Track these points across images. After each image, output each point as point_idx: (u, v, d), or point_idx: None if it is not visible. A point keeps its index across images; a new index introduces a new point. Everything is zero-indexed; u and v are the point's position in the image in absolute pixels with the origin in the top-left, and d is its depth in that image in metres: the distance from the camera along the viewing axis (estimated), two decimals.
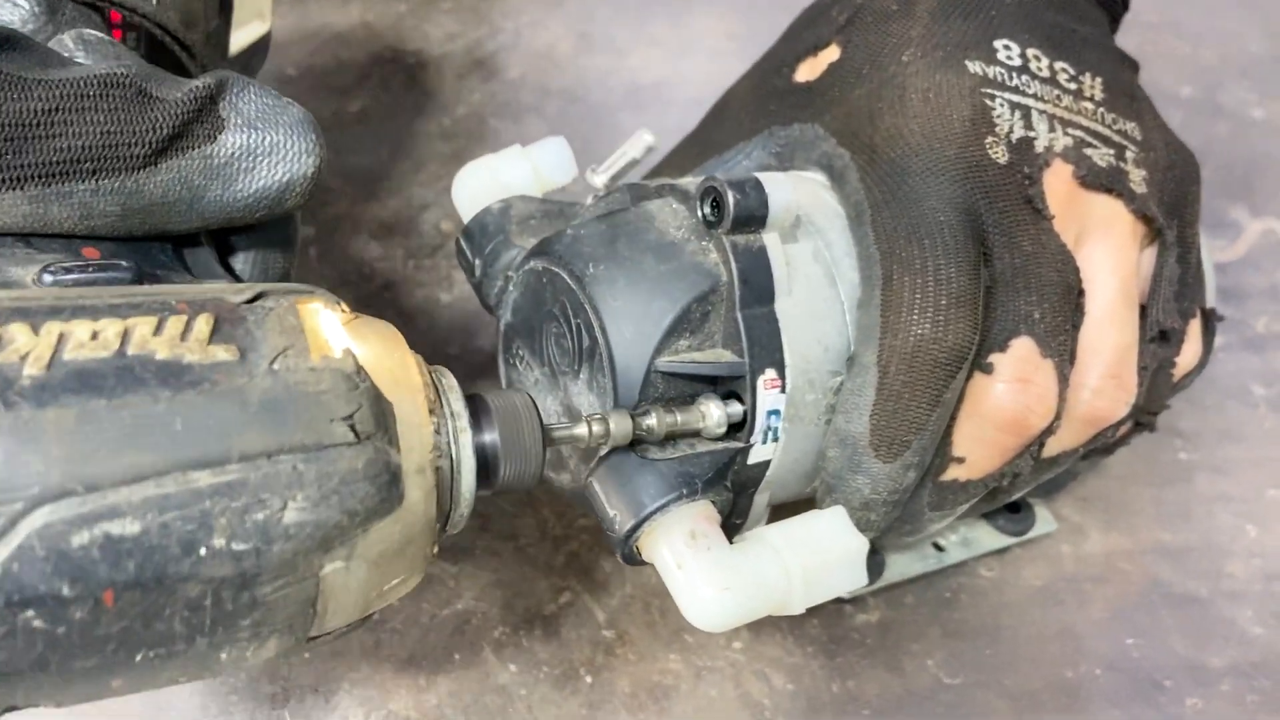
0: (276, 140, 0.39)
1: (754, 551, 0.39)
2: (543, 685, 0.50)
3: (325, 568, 0.32)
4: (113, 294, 0.33)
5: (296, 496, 0.31)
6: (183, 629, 0.31)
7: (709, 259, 0.40)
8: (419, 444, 0.35)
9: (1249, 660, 0.52)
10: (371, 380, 0.33)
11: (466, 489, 0.36)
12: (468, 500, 0.37)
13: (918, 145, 0.42)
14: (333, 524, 0.32)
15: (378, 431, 0.33)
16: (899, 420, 0.40)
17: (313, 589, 0.33)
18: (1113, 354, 0.43)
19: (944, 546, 0.53)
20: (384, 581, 0.35)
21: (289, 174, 0.39)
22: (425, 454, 0.35)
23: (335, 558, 0.32)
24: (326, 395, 0.32)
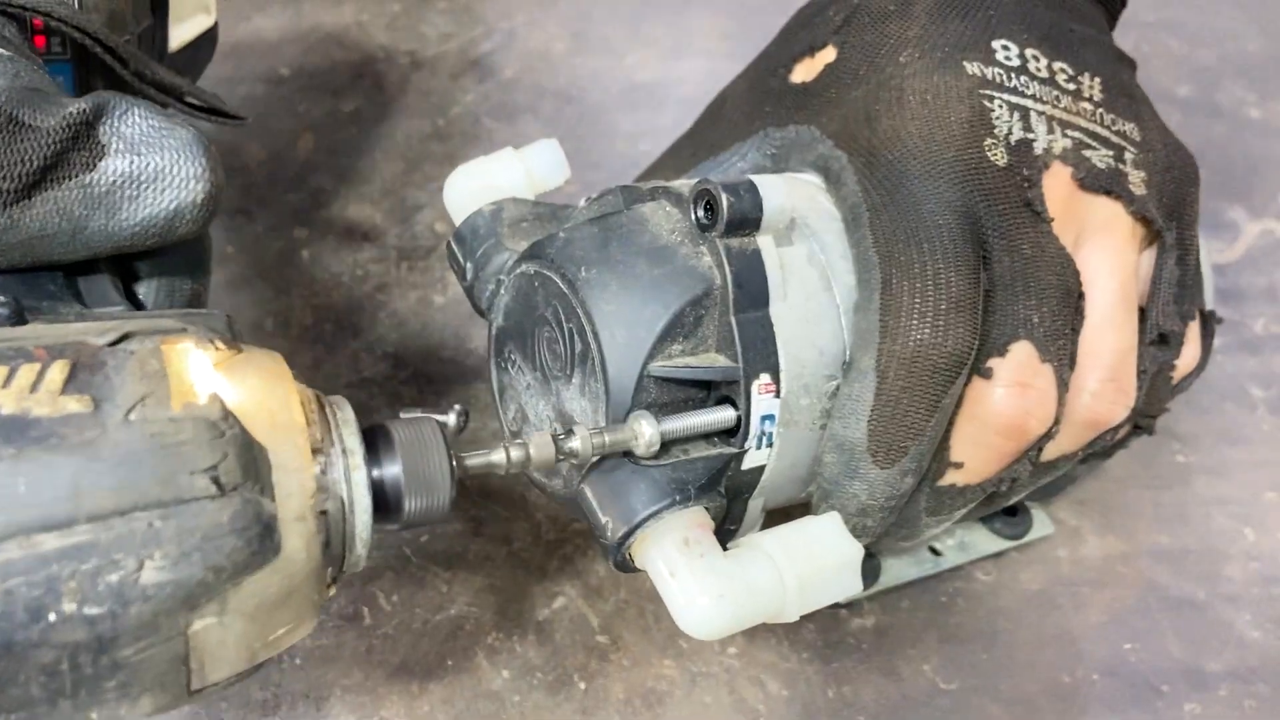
0: (162, 166, 0.37)
1: (748, 558, 0.38)
2: (536, 691, 0.49)
3: (194, 625, 0.31)
4: None
5: (154, 555, 0.30)
6: (41, 693, 0.30)
7: (703, 262, 0.40)
8: (298, 489, 0.33)
9: (1247, 665, 0.52)
10: (241, 426, 0.32)
11: (362, 528, 0.35)
12: (365, 540, 0.35)
13: (916, 147, 0.41)
14: (196, 581, 0.31)
15: (246, 481, 0.31)
16: (897, 426, 0.40)
17: (181, 647, 0.31)
18: (1112, 357, 0.43)
19: (940, 551, 0.53)
20: (267, 633, 0.33)
21: (176, 201, 0.37)
22: (306, 500, 0.33)
23: (205, 614, 0.31)
24: (186, 446, 0.31)
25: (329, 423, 0.35)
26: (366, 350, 0.63)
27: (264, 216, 0.69)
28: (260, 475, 0.32)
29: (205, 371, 0.33)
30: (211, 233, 0.64)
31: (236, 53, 0.81)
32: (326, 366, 0.62)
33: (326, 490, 0.34)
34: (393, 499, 0.36)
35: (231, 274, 0.66)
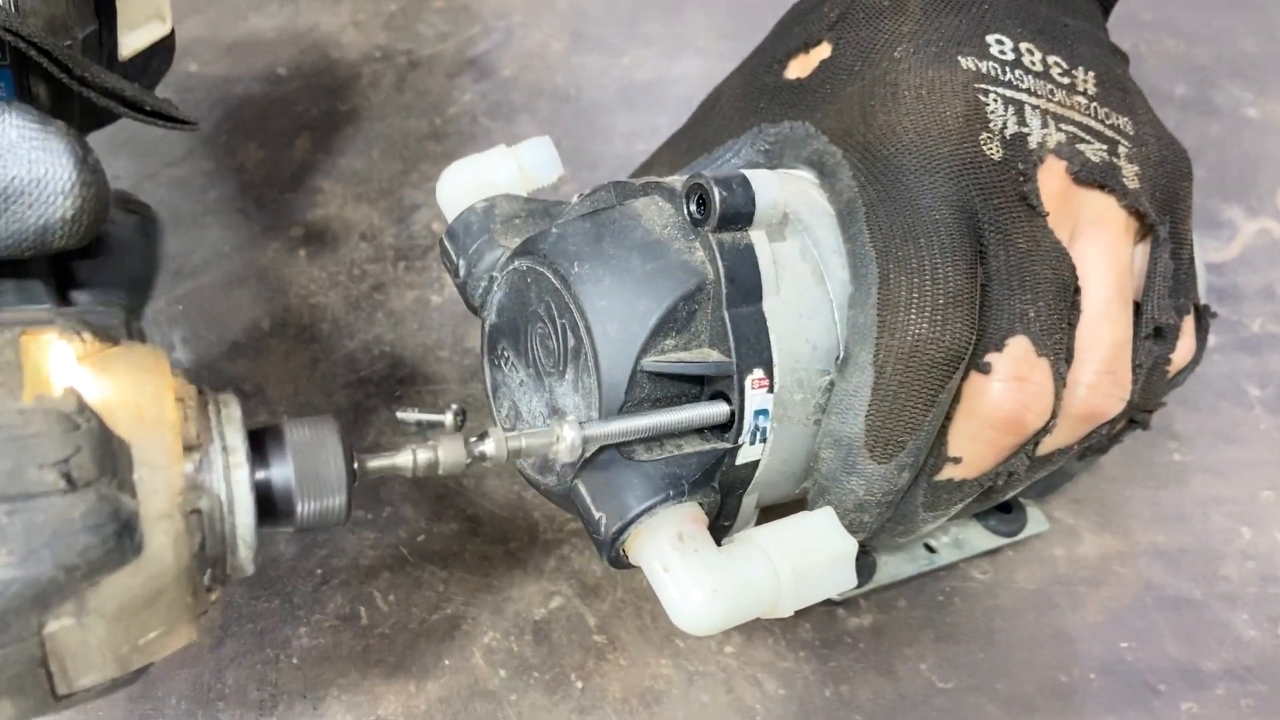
0: (29, 179, 0.35)
1: (742, 553, 0.38)
2: (533, 691, 0.49)
3: (50, 625, 0.30)
4: None
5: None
6: None
7: (695, 257, 0.40)
8: (164, 486, 0.32)
9: (1244, 664, 0.52)
10: (100, 420, 0.31)
11: (244, 530, 0.33)
12: (248, 542, 0.34)
13: (911, 142, 0.41)
14: (46, 580, 0.29)
15: (102, 477, 0.30)
16: (895, 421, 0.40)
17: (37, 649, 0.30)
18: (1108, 350, 0.43)
19: (935, 548, 0.53)
20: (135, 636, 0.32)
21: (44, 218, 0.35)
22: (173, 497, 0.32)
23: (60, 615, 0.30)
24: (35, 439, 0.30)
25: (209, 420, 0.34)
26: (363, 350, 0.63)
27: (261, 216, 0.69)
28: (119, 471, 0.31)
29: (66, 364, 0.32)
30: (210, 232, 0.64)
31: (233, 52, 0.81)
32: (323, 366, 0.62)
33: (200, 489, 0.33)
34: (282, 501, 0.34)
35: (229, 273, 0.66)
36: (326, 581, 0.53)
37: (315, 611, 0.51)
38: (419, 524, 0.55)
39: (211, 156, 0.73)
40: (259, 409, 0.59)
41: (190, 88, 0.77)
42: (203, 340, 0.62)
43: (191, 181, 0.71)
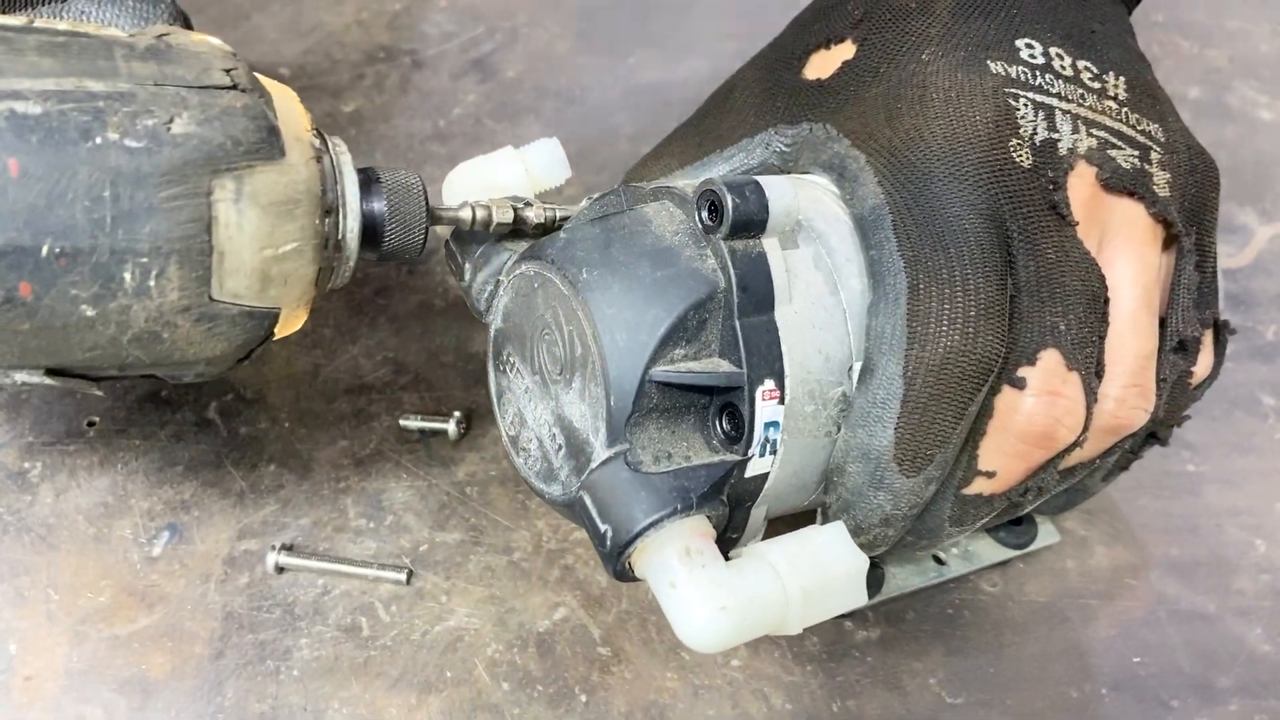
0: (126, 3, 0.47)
1: (751, 569, 0.37)
2: (536, 704, 0.49)
3: (215, 192, 0.37)
4: None
5: (182, 114, 0.36)
6: (85, 221, 0.35)
7: (706, 265, 0.39)
8: (296, 123, 0.39)
9: (1258, 679, 0.51)
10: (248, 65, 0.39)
11: (351, 195, 0.41)
12: (354, 210, 0.41)
13: (940, 148, 0.40)
14: (216, 143, 0.36)
15: (254, 90, 0.38)
16: (925, 433, 0.39)
17: (204, 210, 0.36)
18: (1135, 362, 0.42)
19: (945, 560, 0.52)
20: (276, 239, 0.38)
21: None
22: (303, 131, 0.40)
23: (223, 185, 0.37)
24: (205, 53, 0.38)
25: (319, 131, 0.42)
26: (366, 355, 0.62)
27: None
28: (265, 96, 0.39)
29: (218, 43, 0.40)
30: None
31: (236, 51, 0.80)
32: (326, 371, 0.61)
33: (320, 148, 0.40)
34: (377, 227, 0.42)
35: None
36: (328, 592, 0.52)
37: (316, 622, 0.51)
38: (421, 533, 0.54)
39: None
40: (260, 415, 0.58)
41: None
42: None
43: None
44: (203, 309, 0.38)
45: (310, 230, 0.39)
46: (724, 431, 0.39)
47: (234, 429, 0.58)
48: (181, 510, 0.54)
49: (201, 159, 0.36)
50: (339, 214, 0.41)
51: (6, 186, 0.34)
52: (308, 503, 0.55)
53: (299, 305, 0.41)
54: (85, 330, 0.36)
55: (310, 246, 0.40)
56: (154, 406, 0.58)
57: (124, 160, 0.35)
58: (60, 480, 0.55)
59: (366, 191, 0.42)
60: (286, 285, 0.39)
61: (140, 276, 0.36)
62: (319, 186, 0.39)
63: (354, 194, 0.41)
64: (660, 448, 0.39)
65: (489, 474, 0.57)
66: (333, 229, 0.41)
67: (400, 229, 0.43)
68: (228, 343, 0.39)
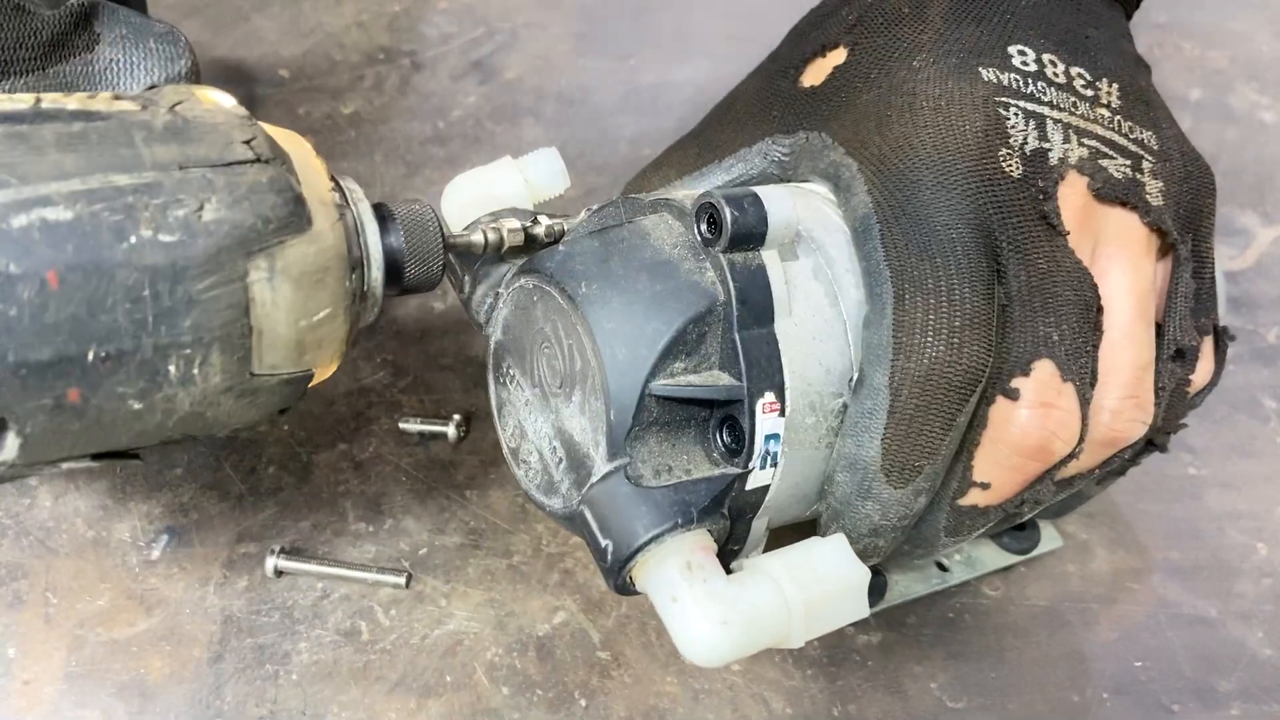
0: (149, 48, 0.45)
1: (752, 583, 0.37)
2: (536, 708, 0.49)
3: (250, 274, 0.36)
4: None
5: (211, 199, 0.35)
6: (127, 323, 0.34)
7: (705, 278, 0.39)
8: (317, 184, 0.39)
9: (1259, 684, 0.51)
10: (263, 127, 0.38)
11: (374, 246, 0.41)
12: (378, 261, 0.41)
13: (928, 157, 0.40)
14: (248, 225, 0.36)
15: (276, 159, 0.37)
16: (912, 445, 0.39)
17: (242, 294, 0.36)
18: (1130, 373, 0.42)
19: (948, 566, 0.52)
20: (310, 309, 0.38)
21: (164, 75, 0.45)
22: (325, 192, 0.39)
23: (258, 266, 0.36)
24: (223, 125, 0.37)
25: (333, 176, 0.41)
26: (365, 358, 0.62)
27: None
28: (286, 162, 0.38)
29: (226, 98, 0.40)
30: None
31: (235, 53, 0.80)
32: None
33: (341, 204, 0.40)
34: (398, 264, 0.42)
35: None
36: (327, 595, 0.52)
37: (315, 626, 0.51)
38: (421, 537, 0.54)
39: None
40: None
41: None
42: None
43: None
44: (244, 385, 0.37)
45: (341, 293, 0.39)
46: (724, 444, 0.39)
47: (233, 432, 0.58)
48: (180, 513, 0.54)
49: (235, 244, 0.36)
50: (364, 267, 0.41)
51: (48, 300, 0.33)
52: (307, 506, 0.55)
53: (332, 360, 0.41)
54: (132, 421, 0.36)
55: (342, 309, 0.39)
56: None
57: (160, 256, 0.34)
58: (59, 483, 0.55)
59: (384, 230, 0.42)
60: (321, 348, 0.39)
61: (184, 367, 0.36)
62: (345, 247, 0.39)
63: (376, 244, 0.41)
64: (661, 461, 0.39)
65: (488, 477, 0.57)
66: (359, 283, 0.41)
67: (419, 264, 0.42)
68: (267, 409, 0.39)
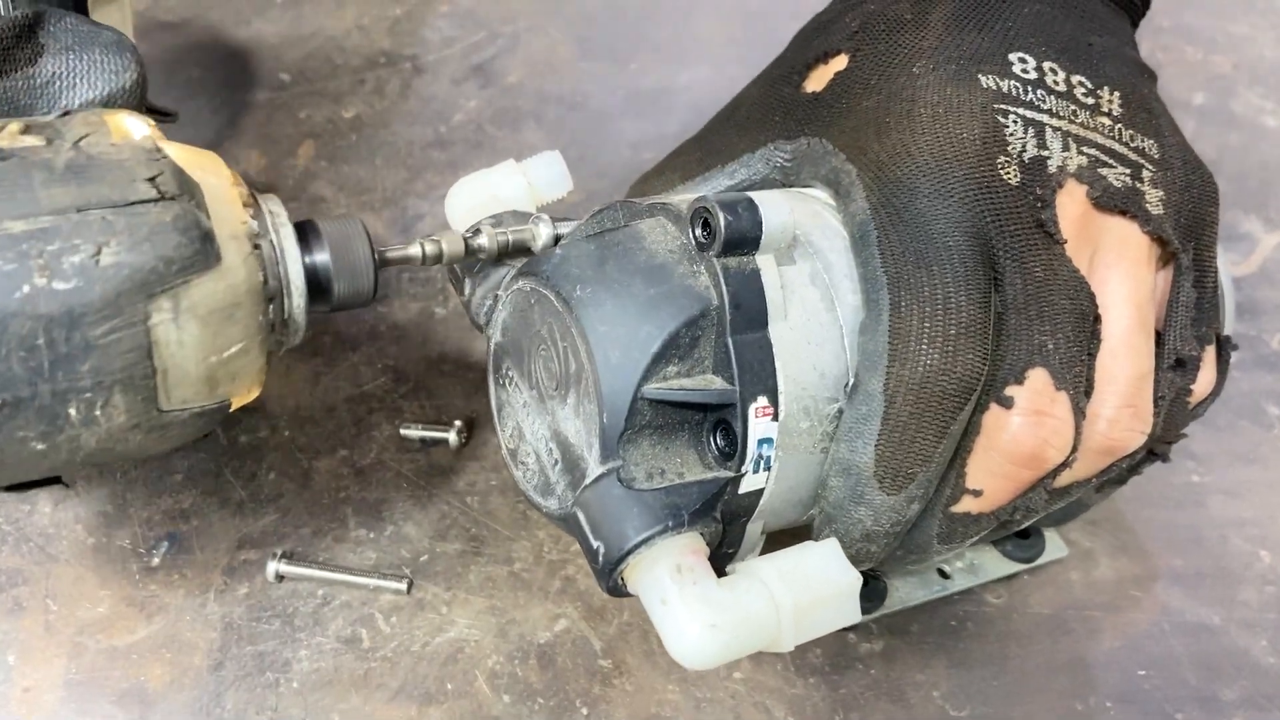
0: (94, 59, 0.44)
1: (743, 587, 0.37)
2: (537, 717, 0.48)
3: (152, 316, 0.35)
4: None
5: (110, 243, 0.35)
6: (22, 371, 0.34)
7: (699, 282, 0.39)
8: (230, 216, 0.38)
9: (1263, 692, 0.51)
10: (172, 159, 0.37)
11: (295, 275, 0.40)
12: (299, 288, 0.40)
13: (926, 164, 0.40)
14: (149, 268, 0.35)
15: (183, 194, 0.36)
16: (905, 452, 0.39)
17: (143, 337, 0.35)
18: (1128, 383, 0.41)
19: (950, 573, 0.52)
20: (220, 345, 0.37)
21: (109, 89, 0.44)
22: (238, 225, 0.38)
23: (160, 307, 0.35)
24: (128, 161, 0.36)
25: (255, 197, 0.40)
26: (366, 363, 0.62)
27: None
28: (195, 196, 0.37)
29: (140, 127, 0.39)
30: None
31: (236, 57, 0.80)
32: (326, 379, 0.61)
33: (257, 232, 0.39)
34: (324, 282, 0.41)
35: None
36: (327, 603, 0.52)
37: (316, 634, 0.51)
38: (422, 543, 0.54)
39: None
40: (259, 424, 0.58)
41: (192, 93, 0.77)
42: None
43: None
44: (152, 422, 0.37)
45: (254, 327, 0.38)
46: (717, 448, 0.39)
47: (233, 437, 0.58)
48: (181, 520, 0.54)
49: (135, 287, 0.35)
50: (283, 296, 0.40)
51: None
52: (307, 512, 0.55)
53: (250, 388, 0.40)
54: (38, 460, 0.36)
55: (256, 342, 0.39)
56: None
57: (54, 305, 0.34)
58: (59, 489, 0.55)
59: (308, 249, 0.41)
60: (235, 381, 0.39)
61: (85, 410, 0.35)
62: (260, 278, 0.38)
63: (298, 270, 0.40)
64: (653, 464, 0.39)
65: (489, 484, 0.57)
66: (278, 312, 0.40)
67: (347, 280, 0.42)
68: (182, 440, 0.39)
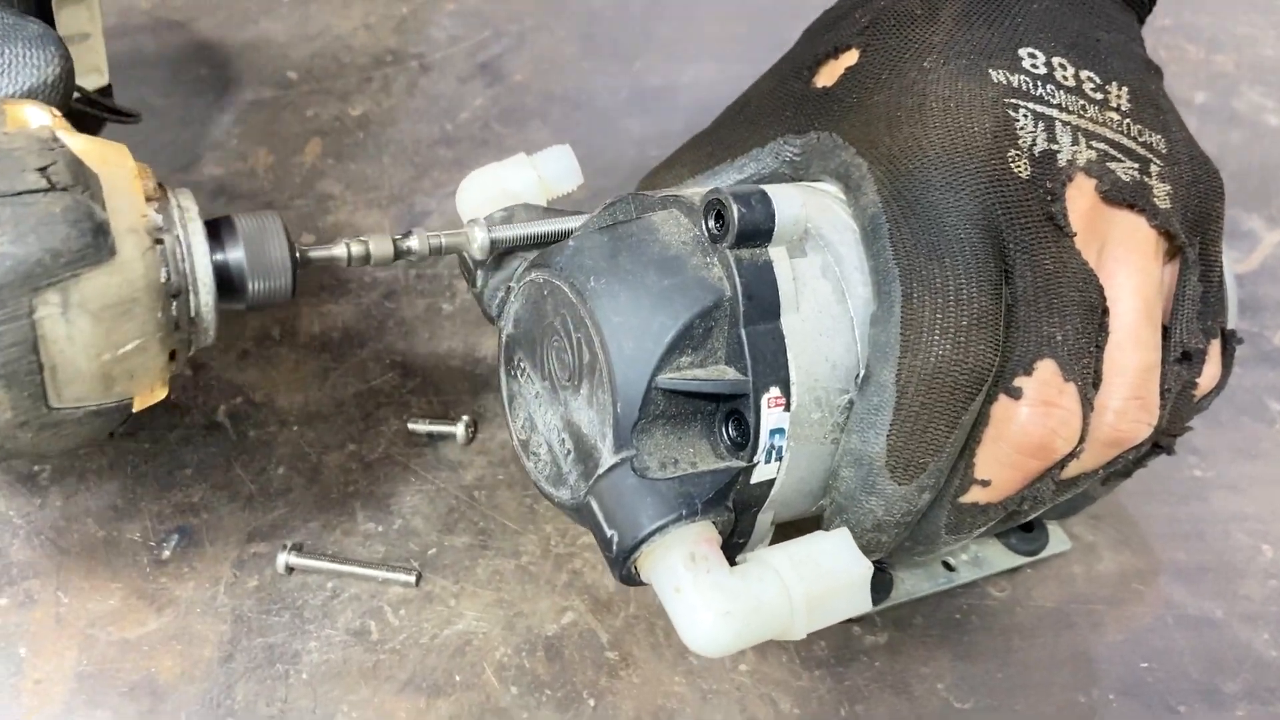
0: (16, 53, 0.42)
1: (755, 575, 0.38)
2: (545, 708, 0.49)
3: (38, 310, 0.34)
4: None
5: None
6: None
7: (713, 273, 0.39)
8: (129, 209, 0.37)
9: (1265, 685, 0.51)
10: (70, 149, 0.36)
11: (203, 270, 0.39)
12: (207, 285, 0.39)
13: (937, 157, 0.40)
14: (34, 260, 0.34)
15: (76, 185, 0.35)
16: (917, 442, 0.39)
17: (28, 331, 0.34)
18: (1136, 375, 0.42)
19: (954, 566, 0.52)
20: (113, 342, 0.36)
21: (30, 82, 0.43)
22: (137, 218, 0.37)
23: (47, 301, 0.34)
24: (19, 150, 0.35)
25: (165, 190, 0.39)
26: (374, 359, 0.62)
27: None
28: (91, 187, 0.36)
29: (41, 117, 0.38)
30: None
31: (243, 56, 0.80)
32: (334, 375, 0.61)
33: (161, 226, 0.38)
34: (237, 279, 0.40)
35: None
36: (336, 595, 0.52)
37: (325, 626, 0.51)
38: (430, 537, 0.54)
39: (221, 161, 0.72)
40: (269, 419, 0.59)
41: (200, 91, 0.77)
42: (212, 348, 0.62)
43: (201, 186, 0.70)
44: (42, 419, 0.36)
45: (153, 324, 0.37)
46: (730, 438, 0.39)
47: (243, 432, 0.58)
48: (191, 513, 0.55)
49: (18, 280, 0.34)
50: (188, 294, 0.39)
51: None
52: (316, 506, 0.55)
53: (153, 387, 0.39)
54: None
55: (155, 339, 0.38)
56: (163, 410, 0.59)
57: None
58: (70, 483, 0.55)
59: (220, 245, 0.40)
60: (134, 380, 0.38)
61: None
62: (160, 275, 0.37)
63: (205, 265, 0.39)
64: (666, 454, 0.39)
65: (497, 478, 0.57)
66: (183, 309, 0.39)
67: (263, 278, 0.41)
68: (78, 439, 0.38)
